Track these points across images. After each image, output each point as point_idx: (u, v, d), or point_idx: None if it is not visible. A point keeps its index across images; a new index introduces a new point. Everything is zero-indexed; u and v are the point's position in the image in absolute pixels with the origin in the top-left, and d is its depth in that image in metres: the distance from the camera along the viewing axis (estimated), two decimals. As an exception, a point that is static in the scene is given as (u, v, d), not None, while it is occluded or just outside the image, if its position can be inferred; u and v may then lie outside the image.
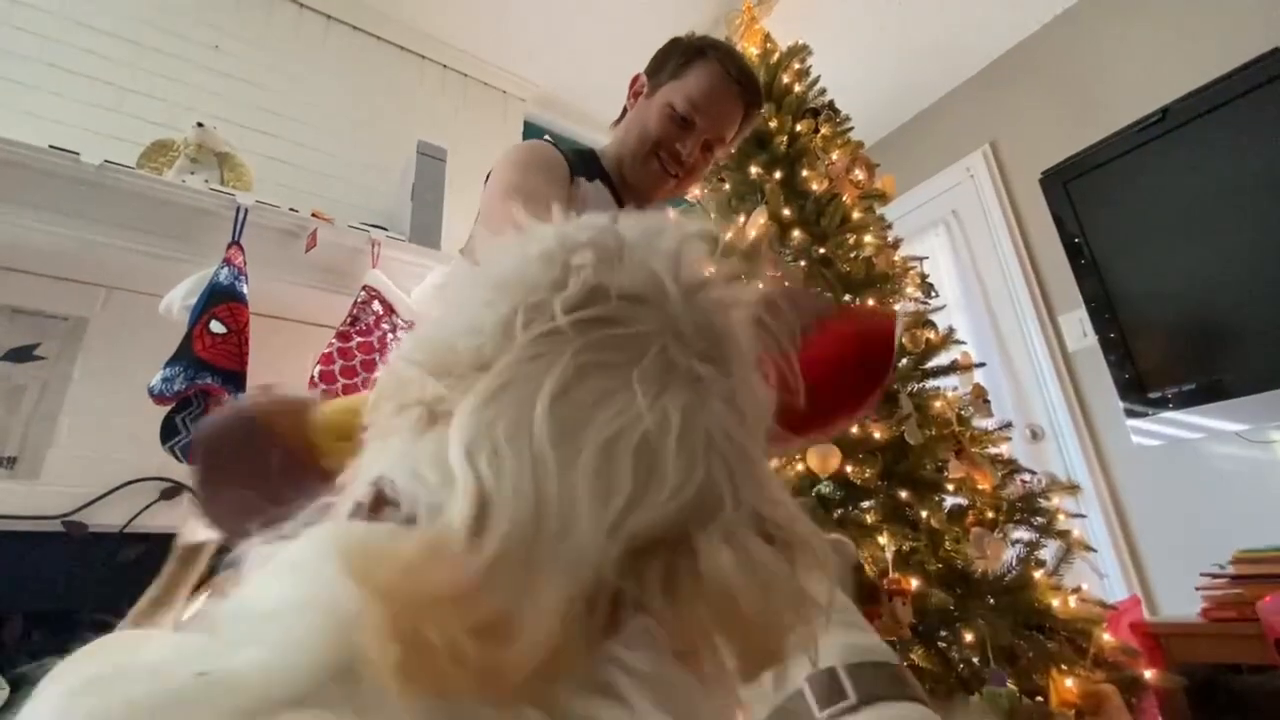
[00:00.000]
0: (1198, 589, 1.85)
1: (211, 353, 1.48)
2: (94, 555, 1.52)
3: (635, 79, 1.12)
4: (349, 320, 1.76)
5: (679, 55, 1.07)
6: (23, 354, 1.64)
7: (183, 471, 1.62)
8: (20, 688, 1.22)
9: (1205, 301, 2.18)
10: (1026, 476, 1.69)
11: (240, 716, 0.20)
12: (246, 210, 1.71)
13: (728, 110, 1.04)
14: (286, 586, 0.24)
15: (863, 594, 1.29)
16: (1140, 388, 2.29)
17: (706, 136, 1.04)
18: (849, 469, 1.44)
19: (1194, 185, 2.23)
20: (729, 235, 1.83)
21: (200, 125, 1.91)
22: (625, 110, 1.16)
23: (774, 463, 1.51)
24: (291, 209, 1.85)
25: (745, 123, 1.09)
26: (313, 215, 1.85)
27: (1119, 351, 2.36)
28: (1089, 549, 1.58)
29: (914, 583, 1.30)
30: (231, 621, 0.24)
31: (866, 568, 1.34)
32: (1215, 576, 1.83)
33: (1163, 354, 2.27)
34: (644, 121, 1.06)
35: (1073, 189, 2.55)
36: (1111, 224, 2.44)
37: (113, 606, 1.44)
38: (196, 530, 0.99)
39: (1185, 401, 2.17)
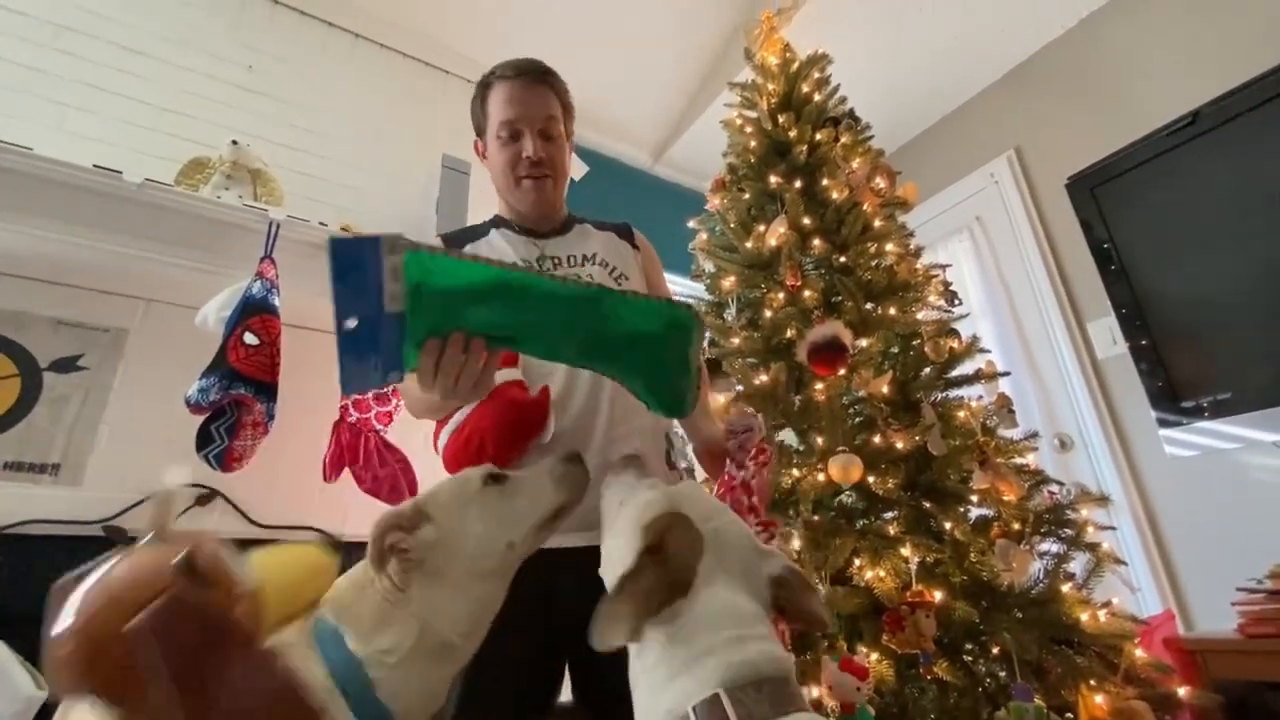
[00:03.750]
0: (1234, 604, 1.80)
1: (245, 364, 1.53)
2: (132, 559, 1.57)
3: (475, 145, 1.26)
4: (376, 331, 1.80)
5: (477, 104, 1.21)
6: (66, 364, 1.71)
7: (217, 478, 1.67)
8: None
9: (1240, 307, 2.12)
10: (1054, 488, 1.67)
11: None
12: (278, 225, 1.77)
13: (532, 101, 1.14)
14: None
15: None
16: (1173, 396, 2.23)
17: (538, 129, 1.15)
18: (871, 479, 1.43)
19: (1227, 189, 2.18)
20: (749, 244, 1.84)
21: (234, 143, 1.98)
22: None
23: (796, 473, 1.51)
24: (321, 223, 1.90)
25: (559, 95, 1.19)
26: (341, 229, 1.90)
27: (1151, 359, 2.31)
28: (1119, 562, 1.55)
29: (938, 595, 1.29)
30: None
31: (889, 579, 1.33)
32: (1252, 591, 1.78)
33: (1196, 362, 2.22)
34: (493, 165, 1.20)
35: (1100, 194, 2.51)
36: (1141, 229, 2.39)
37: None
38: None
39: (1220, 411, 2.12)
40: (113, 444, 1.68)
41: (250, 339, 1.56)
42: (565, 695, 1.00)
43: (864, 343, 1.62)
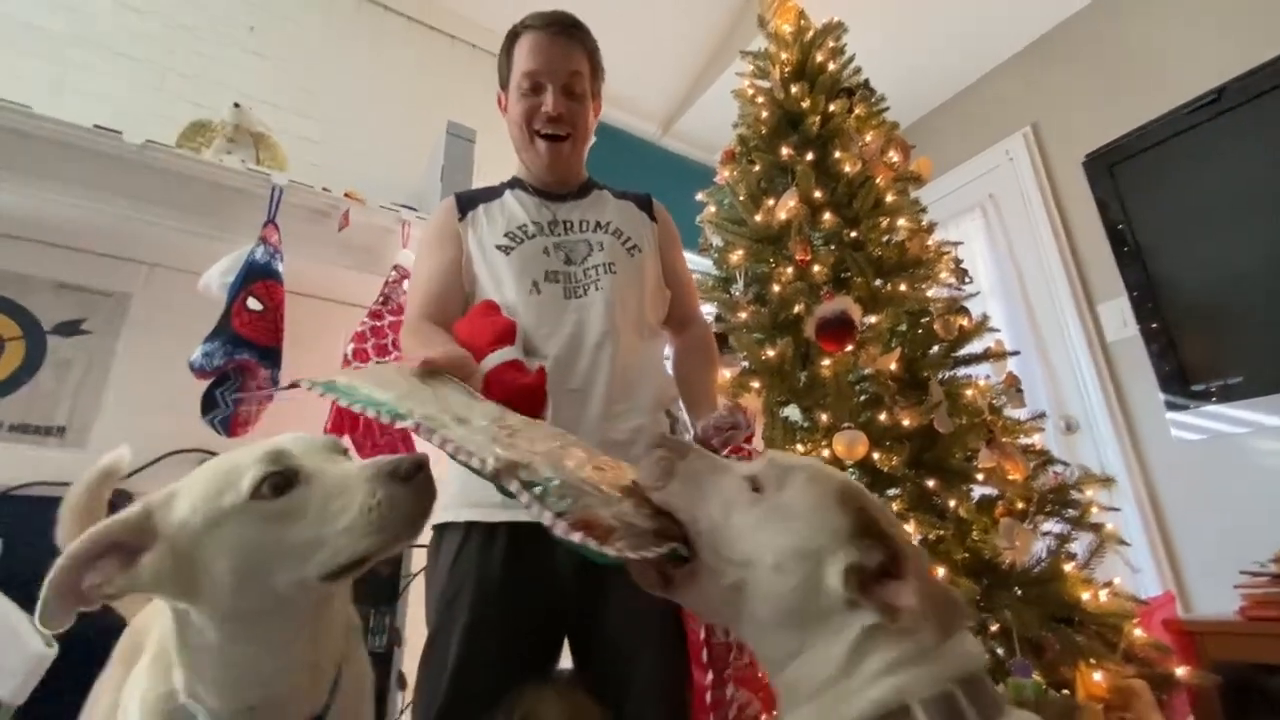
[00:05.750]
0: (1237, 587, 1.80)
1: (249, 329, 1.52)
2: (138, 522, 1.58)
3: (498, 98, 1.21)
4: (380, 299, 1.79)
5: (503, 56, 1.16)
6: (70, 328, 1.70)
7: (221, 444, 1.67)
8: (69, 646, 1.27)
9: (1255, 291, 2.09)
10: (1059, 468, 1.66)
11: None
12: (281, 190, 1.74)
13: (557, 54, 1.10)
14: None
15: None
16: (1183, 380, 2.21)
17: (561, 84, 1.10)
18: (876, 456, 1.43)
19: (1249, 169, 2.13)
20: (759, 218, 1.81)
21: (237, 106, 1.94)
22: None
23: (800, 449, 1.51)
24: (324, 189, 1.87)
25: (588, 51, 1.15)
26: (345, 195, 1.87)
27: (1161, 342, 2.29)
28: (1122, 543, 1.55)
29: (940, 572, 1.29)
30: None
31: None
32: (1255, 575, 1.78)
33: (1208, 345, 2.20)
34: (512, 118, 1.14)
35: (1118, 173, 2.46)
36: (1159, 210, 2.35)
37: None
38: None
39: (1230, 395, 2.10)
40: (118, 408, 1.68)
41: (254, 304, 1.55)
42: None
43: (873, 319, 1.60)
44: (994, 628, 1.31)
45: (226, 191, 1.73)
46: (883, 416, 1.48)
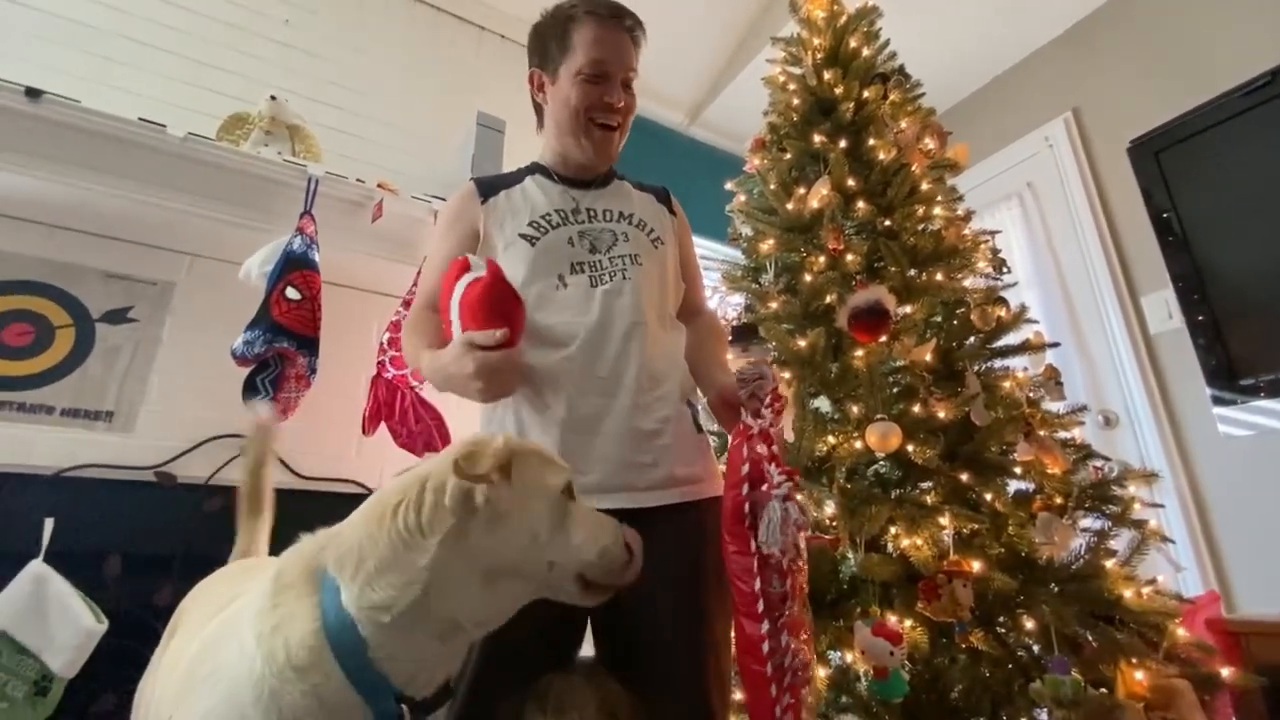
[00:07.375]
0: (1285, 587, 1.74)
1: (288, 318, 1.55)
2: (183, 504, 1.63)
3: (532, 76, 1.20)
4: (414, 289, 1.81)
5: (555, 33, 1.14)
6: (117, 316, 1.76)
7: (260, 430, 1.71)
8: (118, 622, 1.32)
9: (1310, 282, 2.01)
10: (1099, 463, 1.61)
11: None
12: (317, 181, 1.77)
13: (623, 46, 1.12)
14: None
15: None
16: (1230, 374, 2.14)
17: (622, 77, 1.13)
18: (910, 448, 1.40)
19: (1306, 155, 2.04)
20: (790, 206, 1.78)
21: (273, 98, 1.98)
22: (538, 108, 1.23)
23: (831, 440, 1.49)
24: (359, 179, 1.90)
25: (640, 45, 1.17)
26: (378, 186, 1.90)
27: (1208, 335, 2.21)
28: (1166, 539, 1.50)
29: (975, 565, 1.27)
30: None
31: (925, 548, 1.31)
32: (1305, 576, 1.72)
33: (1257, 338, 2.12)
34: (565, 102, 1.12)
35: (1165, 159, 2.38)
36: (1207, 198, 2.26)
37: (200, 552, 1.54)
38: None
39: (1279, 390, 2.02)
40: (163, 393, 1.74)
41: (292, 294, 1.58)
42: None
43: (907, 309, 1.57)
44: (1030, 624, 1.29)
45: (264, 183, 1.76)
46: (917, 408, 1.45)
